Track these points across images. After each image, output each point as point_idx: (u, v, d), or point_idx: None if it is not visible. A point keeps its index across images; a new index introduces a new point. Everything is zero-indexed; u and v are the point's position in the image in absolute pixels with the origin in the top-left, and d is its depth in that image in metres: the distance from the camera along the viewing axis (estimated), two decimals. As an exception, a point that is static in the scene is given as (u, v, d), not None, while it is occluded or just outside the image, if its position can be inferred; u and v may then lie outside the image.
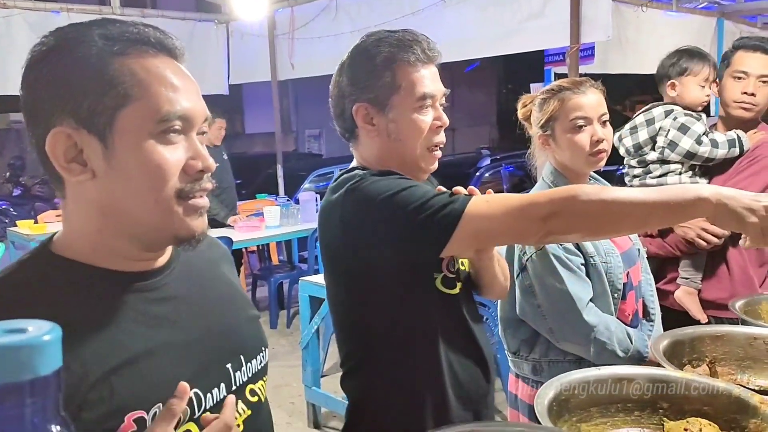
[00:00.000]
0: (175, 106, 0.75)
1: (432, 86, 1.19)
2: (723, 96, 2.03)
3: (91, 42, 0.73)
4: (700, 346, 1.28)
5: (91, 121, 0.72)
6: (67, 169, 0.73)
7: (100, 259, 0.77)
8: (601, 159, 1.54)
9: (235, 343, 0.88)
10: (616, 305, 1.53)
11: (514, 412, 1.68)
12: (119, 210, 0.75)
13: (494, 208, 1.04)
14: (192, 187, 0.77)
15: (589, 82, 1.57)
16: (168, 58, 0.77)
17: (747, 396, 1.00)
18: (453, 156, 9.23)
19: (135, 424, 0.72)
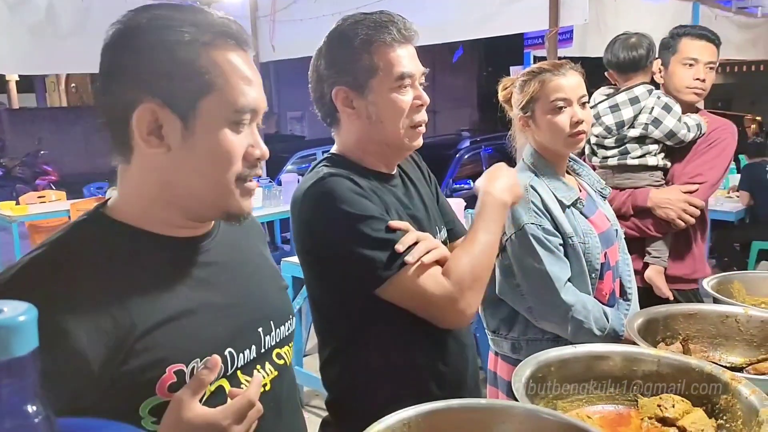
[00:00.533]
0: (249, 100, 0.83)
1: (410, 66, 1.18)
2: (673, 82, 2.09)
3: (183, 29, 0.80)
4: (673, 324, 1.31)
5: (177, 102, 0.80)
6: (147, 140, 0.80)
7: (149, 224, 0.85)
8: (580, 140, 1.56)
9: (266, 309, 0.95)
10: (593, 285, 1.55)
11: (494, 390, 1.71)
12: (182, 184, 0.83)
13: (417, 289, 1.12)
14: (249, 172, 0.85)
15: (569, 64, 1.57)
16: (243, 51, 0.85)
17: (718, 373, 1.03)
18: (433, 138, 9.24)
19: (175, 376, 0.79)
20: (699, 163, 2.06)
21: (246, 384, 0.87)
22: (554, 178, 1.57)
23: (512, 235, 1.51)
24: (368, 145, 1.23)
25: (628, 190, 2.05)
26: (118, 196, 0.87)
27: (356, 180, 1.17)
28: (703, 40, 2.06)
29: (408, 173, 1.34)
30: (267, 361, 0.93)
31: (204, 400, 0.81)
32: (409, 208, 1.25)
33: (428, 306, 1.15)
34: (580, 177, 1.71)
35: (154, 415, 0.78)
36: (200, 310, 0.85)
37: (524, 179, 1.55)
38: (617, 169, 2.08)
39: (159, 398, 0.78)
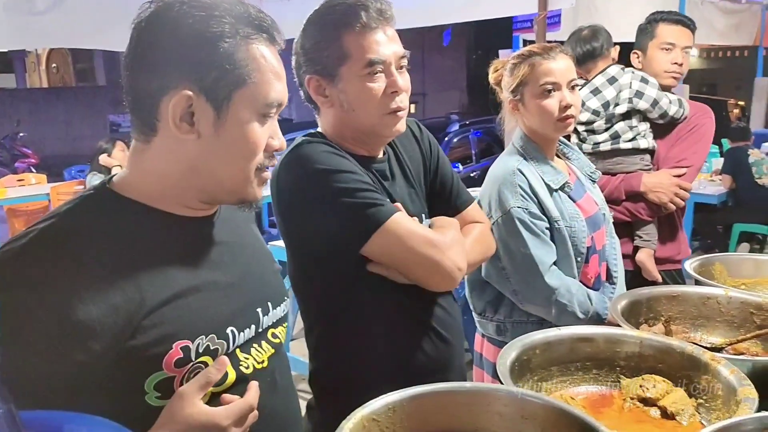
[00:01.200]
0: (279, 94, 0.86)
1: (382, 51, 1.15)
2: (652, 67, 2.11)
3: (223, 19, 0.81)
4: (656, 305, 1.32)
5: (212, 92, 0.82)
6: (178, 126, 0.82)
7: (160, 202, 0.86)
8: (569, 124, 1.56)
9: (264, 290, 0.98)
10: (579, 268, 1.57)
11: (479, 371, 1.73)
12: (206, 171, 0.85)
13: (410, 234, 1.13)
14: (267, 162, 0.89)
15: (559, 47, 1.57)
16: (274, 46, 0.88)
17: (699, 353, 1.05)
18: (422, 121, 9.20)
19: (181, 352, 0.81)
20: (683, 147, 2.10)
21: (244, 362, 0.90)
22: (543, 162, 1.58)
23: (498, 218, 1.52)
24: (345, 132, 1.22)
25: (620, 175, 2.06)
26: (127, 173, 0.88)
27: (336, 148, 1.17)
28: (679, 25, 2.11)
29: (399, 152, 1.32)
30: (263, 340, 0.95)
31: None
32: (390, 193, 1.24)
33: (414, 259, 1.14)
34: (570, 160, 1.72)
35: (158, 390, 0.80)
36: (205, 288, 0.87)
37: (512, 163, 1.56)
38: (609, 154, 2.08)
39: (165, 373, 0.80)
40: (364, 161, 1.23)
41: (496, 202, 1.53)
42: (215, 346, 0.85)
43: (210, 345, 0.84)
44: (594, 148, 2.10)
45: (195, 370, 0.82)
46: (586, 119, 2.08)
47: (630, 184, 2.04)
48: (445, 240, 1.16)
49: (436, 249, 1.14)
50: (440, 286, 1.19)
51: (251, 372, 0.91)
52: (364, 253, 1.14)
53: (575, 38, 2.13)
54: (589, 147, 2.10)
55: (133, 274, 0.79)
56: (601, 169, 2.03)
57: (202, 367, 0.83)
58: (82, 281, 0.75)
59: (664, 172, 2.07)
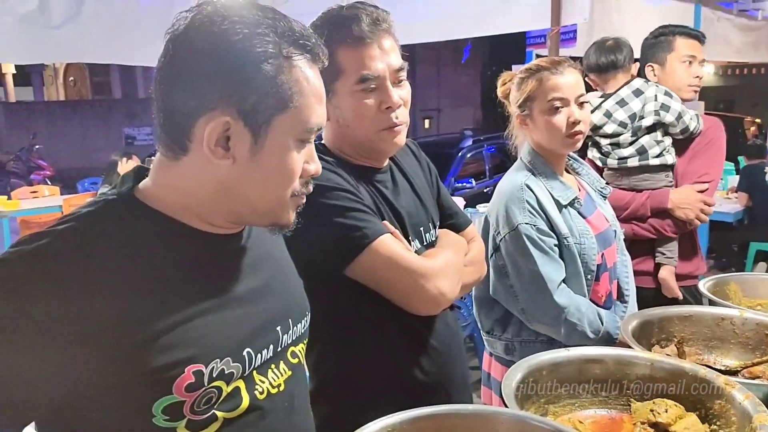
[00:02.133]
0: (320, 119, 0.82)
1: (375, 65, 1.13)
2: (673, 80, 2.10)
3: (266, 37, 0.76)
4: (668, 326, 1.29)
5: (252, 116, 0.76)
6: (213, 151, 0.77)
7: (188, 218, 0.82)
8: (577, 140, 1.54)
9: (286, 306, 0.93)
10: (589, 286, 1.53)
11: (487, 391, 1.69)
12: (241, 194, 0.80)
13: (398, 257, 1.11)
14: (303, 189, 0.84)
15: (568, 62, 1.55)
16: (317, 66, 0.83)
17: (712, 377, 1.01)
18: (436, 136, 9.21)
19: (193, 376, 0.76)
20: (702, 162, 2.09)
21: (259, 386, 0.85)
22: (552, 177, 1.55)
23: (506, 234, 1.49)
24: (344, 145, 1.21)
25: (645, 192, 2.03)
26: (153, 184, 0.82)
27: (332, 164, 1.15)
28: (695, 39, 2.12)
29: (401, 165, 1.31)
30: (282, 360, 0.90)
31: (220, 402, 0.79)
32: (392, 203, 1.22)
33: (397, 285, 1.13)
34: (580, 176, 1.69)
35: (166, 413, 0.75)
36: (223, 308, 0.82)
37: (520, 178, 1.53)
38: (636, 170, 2.05)
39: (175, 397, 0.75)
40: (366, 172, 1.22)
41: (503, 218, 1.51)
42: (230, 369, 0.80)
43: (225, 369, 0.79)
44: (620, 164, 2.05)
45: (207, 395, 0.78)
46: (612, 131, 2.03)
47: (658, 201, 2.01)
48: (430, 266, 1.14)
49: (418, 275, 1.12)
50: (422, 312, 1.17)
51: (265, 397, 0.85)
52: (349, 275, 1.12)
53: (598, 47, 2.10)
54: (614, 162, 2.05)
55: (150, 288, 0.75)
56: (626, 185, 2.02)
57: (215, 391, 0.78)
58: (95, 290, 0.71)
59: (688, 188, 2.05)
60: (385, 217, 1.19)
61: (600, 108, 2.04)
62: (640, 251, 2.03)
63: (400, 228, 1.20)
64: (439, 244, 1.28)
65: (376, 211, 1.17)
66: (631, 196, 2.01)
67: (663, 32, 2.15)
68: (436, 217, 1.34)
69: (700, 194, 2.02)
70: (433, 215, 1.32)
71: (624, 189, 2.04)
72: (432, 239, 1.29)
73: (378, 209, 1.18)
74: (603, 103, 2.05)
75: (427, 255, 1.20)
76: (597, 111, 2.03)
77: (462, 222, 1.38)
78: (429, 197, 1.33)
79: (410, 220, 1.23)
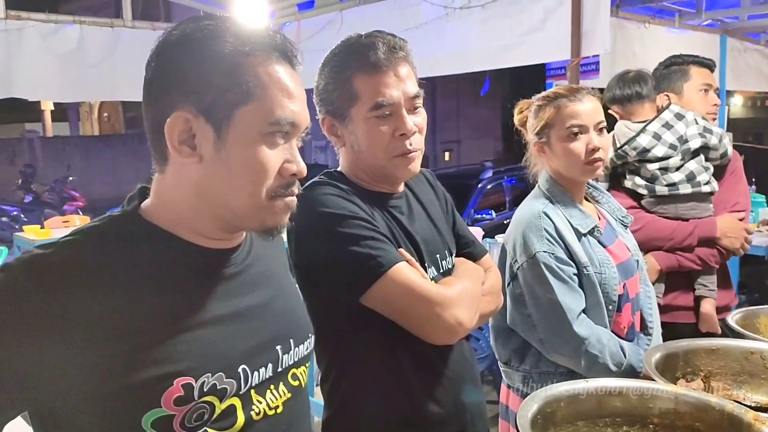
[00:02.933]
0: (286, 112, 0.81)
1: (390, 93, 1.13)
2: (691, 108, 2.06)
3: (225, 38, 0.79)
4: (694, 359, 1.23)
5: (211, 111, 0.78)
6: (178, 149, 0.79)
7: (184, 232, 0.83)
8: (597, 168, 1.51)
9: (287, 326, 0.92)
10: (610, 317, 1.49)
11: (505, 424, 1.64)
12: (214, 194, 0.81)
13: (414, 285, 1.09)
14: (284, 189, 0.83)
15: (586, 89, 1.54)
16: (288, 65, 0.83)
17: (740, 412, 0.95)
18: (456, 168, 9.22)
19: (182, 389, 0.75)
20: (733, 191, 2.06)
21: (256, 406, 0.84)
22: (570, 206, 1.52)
23: (523, 263, 1.46)
24: (357, 172, 1.21)
25: (691, 221, 1.96)
26: (152, 201, 0.85)
27: (347, 191, 1.15)
28: (707, 68, 2.13)
29: (416, 193, 1.30)
30: (282, 381, 0.89)
31: (214, 419, 0.78)
32: (408, 229, 1.21)
33: (413, 314, 1.11)
34: (600, 204, 1.66)
35: (156, 428, 0.75)
36: (218, 323, 0.82)
37: (538, 206, 1.51)
38: (684, 198, 1.97)
39: (164, 411, 0.75)
40: (381, 198, 1.21)
41: (521, 246, 1.48)
42: (223, 385, 0.79)
43: (217, 384, 0.78)
44: (671, 190, 1.96)
45: (199, 410, 0.77)
46: (662, 153, 1.95)
47: (706, 230, 1.95)
48: (447, 294, 1.12)
49: (435, 304, 1.10)
50: (438, 341, 1.14)
51: (261, 419, 0.84)
52: (364, 303, 1.10)
53: (620, 79, 2.08)
54: (664, 189, 1.96)
55: (142, 304, 0.76)
56: (672, 214, 1.96)
57: (206, 407, 0.77)
58: (88, 300, 0.73)
59: (730, 217, 2.00)
60: (401, 243, 1.18)
61: (646, 131, 1.97)
62: (676, 285, 1.97)
63: (416, 255, 1.19)
64: (456, 273, 1.26)
65: (392, 238, 1.16)
66: (674, 225, 1.93)
67: (675, 61, 2.13)
68: (453, 245, 1.32)
69: (742, 223, 1.99)
70: (449, 243, 1.31)
71: (669, 218, 1.96)
72: (448, 267, 1.27)
73: (393, 236, 1.17)
74: (648, 126, 1.98)
75: (444, 283, 1.18)
76: (643, 134, 1.96)
77: (478, 252, 1.36)
78: (444, 225, 1.32)
79: (426, 246, 1.22)
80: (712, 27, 5.18)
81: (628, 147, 1.96)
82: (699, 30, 5.00)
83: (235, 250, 0.88)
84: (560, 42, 3.75)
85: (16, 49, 4.42)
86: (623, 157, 1.99)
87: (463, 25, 4.27)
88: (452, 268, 1.27)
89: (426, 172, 1.38)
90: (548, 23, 3.85)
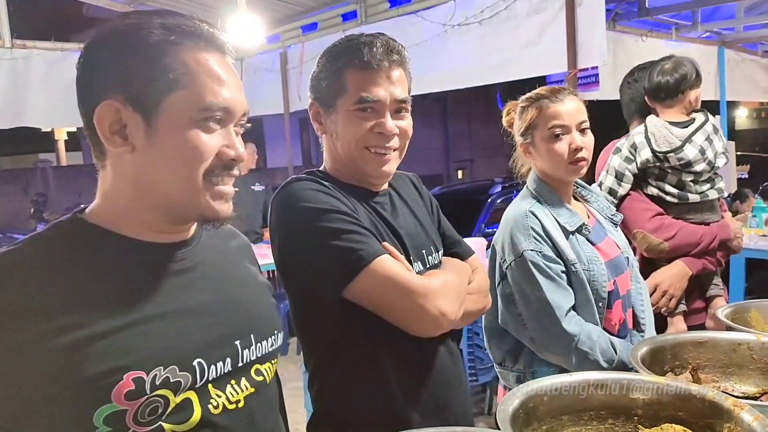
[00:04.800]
0: (218, 98, 0.81)
1: (377, 91, 1.15)
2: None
3: (151, 29, 0.80)
4: (682, 352, 1.22)
5: (139, 100, 0.79)
6: (110, 140, 0.80)
7: (127, 228, 0.83)
8: (581, 167, 1.52)
9: (247, 322, 0.91)
10: (601, 314, 1.48)
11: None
12: (151, 183, 0.81)
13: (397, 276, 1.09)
14: (221, 172, 0.83)
15: (568, 89, 1.55)
16: (218, 53, 0.84)
17: (721, 399, 0.94)
18: (468, 184, 9.25)
19: (133, 383, 0.75)
20: None
21: (214, 400, 0.83)
22: (558, 205, 1.53)
23: (512, 262, 1.47)
24: (337, 163, 1.23)
25: (713, 225, 1.98)
26: (97, 202, 0.86)
27: (328, 187, 1.16)
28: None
29: (400, 193, 1.31)
30: (244, 376, 0.89)
31: (168, 413, 0.78)
32: (392, 224, 1.21)
33: (396, 306, 1.10)
34: (589, 203, 1.66)
35: (108, 424, 0.74)
36: (169, 317, 0.81)
37: (525, 205, 1.52)
38: (707, 205, 1.99)
39: (115, 406, 0.74)
40: (364, 194, 1.22)
41: (509, 245, 1.48)
42: (177, 378, 0.78)
43: (170, 377, 0.78)
44: (702, 197, 1.97)
45: (152, 403, 0.76)
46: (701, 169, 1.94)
47: (726, 233, 1.99)
48: (430, 285, 1.11)
49: (418, 295, 1.09)
50: (422, 333, 1.13)
51: (220, 412, 0.83)
52: (347, 297, 1.10)
53: (660, 71, 2.01)
54: (696, 197, 1.96)
55: (83, 300, 0.75)
56: (698, 219, 1.96)
57: (160, 401, 0.76)
58: (31, 308, 0.73)
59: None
60: (385, 237, 1.18)
61: (692, 142, 1.93)
62: (689, 289, 1.96)
63: (401, 249, 1.19)
64: (442, 267, 1.26)
65: (375, 232, 1.16)
66: (702, 230, 1.94)
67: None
68: (438, 242, 1.32)
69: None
70: (435, 240, 1.31)
71: (696, 223, 1.96)
72: (435, 263, 1.26)
73: (377, 230, 1.17)
74: (693, 137, 1.94)
75: (428, 275, 1.18)
76: (690, 146, 1.92)
77: (464, 251, 1.36)
78: (430, 224, 1.33)
79: (411, 241, 1.22)
80: (709, 39, 5.20)
81: (673, 155, 1.91)
82: (697, 42, 5.03)
83: (184, 245, 0.88)
84: (558, 54, 3.78)
85: (23, 78, 4.52)
86: (662, 161, 1.94)
87: (461, 42, 4.33)
88: (439, 264, 1.27)
89: (411, 176, 1.39)
90: (545, 36, 3.90)
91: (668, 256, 1.93)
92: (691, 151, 1.91)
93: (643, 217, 1.92)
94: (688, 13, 4.85)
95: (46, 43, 4.61)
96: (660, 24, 4.83)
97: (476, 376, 3.47)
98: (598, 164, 2.11)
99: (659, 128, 1.95)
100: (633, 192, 1.98)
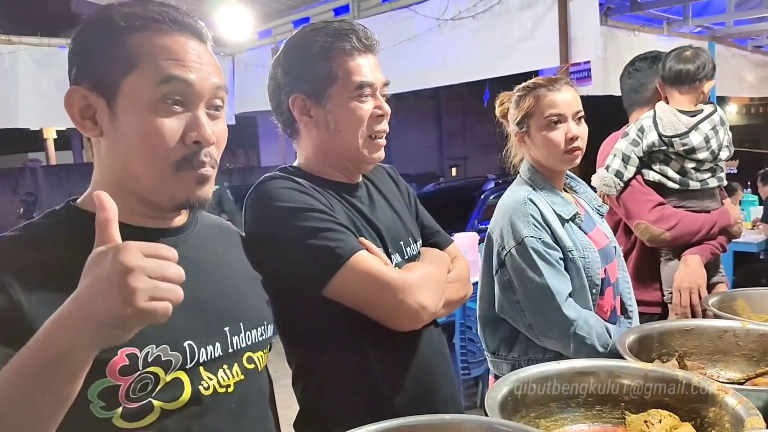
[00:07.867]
0: (176, 77, 0.81)
1: (371, 75, 1.16)
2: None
3: (115, 17, 0.82)
4: (669, 340, 1.24)
5: (102, 84, 0.81)
6: (81, 124, 0.83)
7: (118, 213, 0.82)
8: (576, 157, 1.53)
9: (235, 310, 0.93)
10: (594, 301, 1.50)
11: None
12: (122, 168, 0.84)
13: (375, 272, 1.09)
14: (191, 156, 0.83)
15: (565, 79, 1.56)
16: (187, 36, 0.84)
17: (705, 384, 0.96)
18: (462, 180, 9.27)
19: (127, 359, 0.77)
20: None
21: (205, 382, 0.85)
22: (552, 193, 1.54)
23: (512, 248, 1.47)
24: (326, 156, 1.21)
25: (713, 212, 1.99)
26: (89, 188, 0.89)
27: (302, 184, 1.14)
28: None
29: (376, 184, 1.30)
30: (236, 362, 0.91)
31: (159, 390, 0.79)
32: (369, 218, 1.21)
33: (375, 301, 1.10)
34: (577, 194, 1.67)
35: (102, 399, 0.76)
36: None
37: (522, 193, 1.52)
38: (707, 193, 2.00)
39: (109, 381, 0.76)
40: (340, 188, 1.21)
41: (508, 232, 1.48)
42: (168, 357, 0.81)
43: (161, 355, 0.80)
44: (703, 185, 1.98)
45: (144, 380, 0.78)
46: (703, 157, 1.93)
47: (727, 219, 1.99)
48: (409, 279, 1.11)
49: (397, 290, 1.09)
50: (403, 327, 1.13)
51: (210, 394, 0.86)
52: (327, 295, 1.09)
53: (677, 57, 1.98)
54: (697, 184, 1.97)
55: (76, 279, 0.75)
56: (699, 207, 1.97)
57: (151, 377, 0.79)
58: (29, 286, 0.75)
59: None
60: (363, 232, 1.17)
61: (698, 130, 1.92)
62: None
63: (379, 242, 1.18)
64: (420, 259, 1.26)
65: (353, 227, 1.15)
66: (703, 218, 1.95)
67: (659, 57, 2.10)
68: (417, 233, 1.32)
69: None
70: (413, 231, 1.30)
71: (696, 211, 1.97)
72: (413, 254, 1.26)
73: (354, 225, 1.16)
74: (700, 125, 1.94)
75: (406, 269, 1.17)
76: (696, 133, 1.92)
77: (443, 240, 1.36)
78: (408, 215, 1.32)
79: (389, 234, 1.22)
80: (701, 34, 5.23)
81: (678, 140, 1.91)
82: (688, 37, 5.05)
83: (178, 231, 0.90)
84: (550, 49, 3.79)
85: (12, 77, 4.42)
86: (667, 146, 1.94)
87: (455, 37, 4.33)
88: (418, 255, 1.27)
89: (387, 167, 1.39)
90: (537, 31, 3.90)
91: (670, 245, 1.94)
92: (696, 138, 1.92)
93: (644, 208, 1.93)
94: (679, 8, 4.87)
95: (33, 39, 4.51)
96: (651, 19, 4.85)
97: (468, 370, 3.48)
98: (599, 158, 2.11)
99: (667, 114, 1.96)
100: (633, 181, 1.99)
